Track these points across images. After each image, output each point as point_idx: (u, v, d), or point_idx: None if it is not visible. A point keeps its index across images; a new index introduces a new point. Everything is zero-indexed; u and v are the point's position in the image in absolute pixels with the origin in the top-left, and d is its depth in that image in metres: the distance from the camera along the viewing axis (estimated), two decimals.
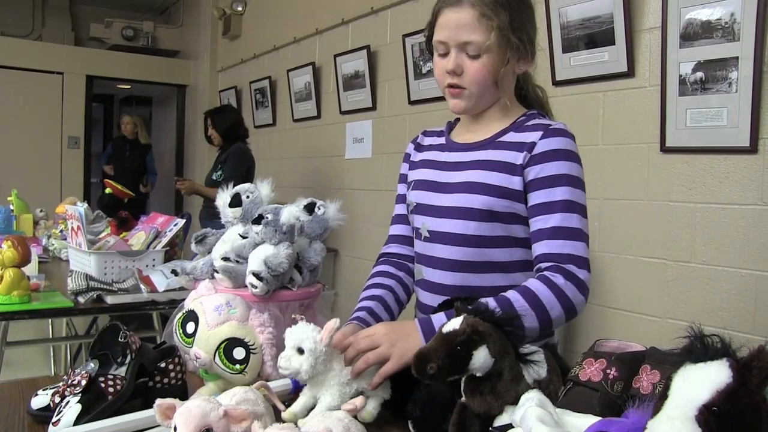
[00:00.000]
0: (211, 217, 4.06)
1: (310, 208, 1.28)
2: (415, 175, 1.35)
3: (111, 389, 1.00)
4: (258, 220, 1.24)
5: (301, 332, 0.98)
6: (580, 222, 1.16)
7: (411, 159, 1.40)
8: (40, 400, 1.04)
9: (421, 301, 1.32)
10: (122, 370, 1.05)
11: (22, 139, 6.32)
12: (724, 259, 2.21)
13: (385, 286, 1.30)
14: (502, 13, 1.15)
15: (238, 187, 1.36)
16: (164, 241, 2.32)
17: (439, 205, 1.26)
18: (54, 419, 0.96)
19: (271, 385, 1.01)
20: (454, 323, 0.84)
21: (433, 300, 1.26)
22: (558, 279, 1.10)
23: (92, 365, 1.04)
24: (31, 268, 2.19)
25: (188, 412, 0.76)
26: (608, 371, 0.76)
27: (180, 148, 7.17)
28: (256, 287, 1.19)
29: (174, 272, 1.36)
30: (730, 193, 2.20)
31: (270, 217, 1.23)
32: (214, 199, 4.38)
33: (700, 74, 2.25)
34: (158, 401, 0.79)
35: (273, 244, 1.22)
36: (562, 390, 0.83)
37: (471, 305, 0.88)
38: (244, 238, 1.30)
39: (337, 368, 0.99)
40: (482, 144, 1.25)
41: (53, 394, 1.01)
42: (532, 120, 1.24)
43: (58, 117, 6.55)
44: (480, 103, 1.24)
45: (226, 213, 1.35)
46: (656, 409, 0.57)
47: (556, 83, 2.74)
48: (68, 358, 3.61)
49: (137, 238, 2.39)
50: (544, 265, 1.14)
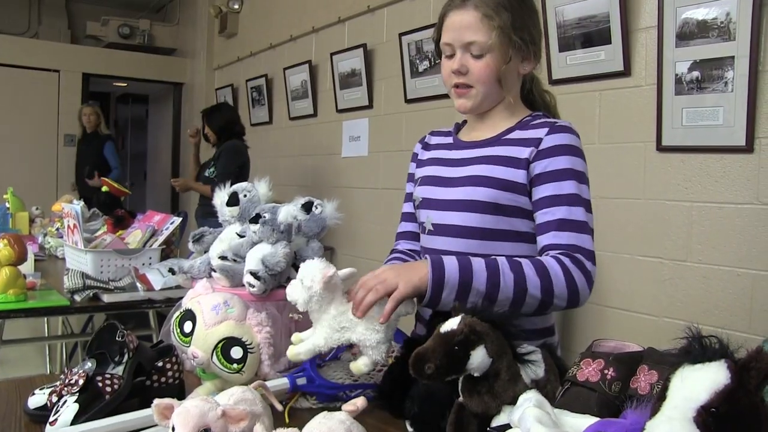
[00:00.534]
0: (207, 216, 4.06)
1: (307, 208, 1.27)
2: (422, 172, 1.38)
3: (108, 388, 1.00)
4: (255, 219, 1.23)
5: (309, 268, 1.03)
6: (586, 216, 1.19)
7: (419, 158, 1.43)
8: (37, 399, 1.04)
9: None
10: (119, 370, 1.05)
11: (18, 137, 6.31)
12: (720, 258, 2.22)
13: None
14: (503, 13, 1.19)
15: (236, 186, 1.35)
16: (161, 239, 2.31)
17: (444, 199, 1.28)
18: (51, 419, 0.96)
19: (269, 384, 1.01)
20: (452, 323, 0.84)
21: None
22: (568, 262, 1.12)
23: (89, 364, 1.04)
24: (27, 267, 2.18)
25: (186, 412, 0.76)
26: (606, 371, 0.76)
27: (176, 145, 7.16)
28: (254, 286, 1.19)
29: (171, 271, 1.36)
30: (726, 193, 2.21)
31: (267, 216, 1.23)
32: (206, 196, 4.36)
33: (696, 73, 2.26)
34: (156, 401, 0.78)
35: (270, 243, 1.22)
36: (560, 390, 0.83)
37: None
38: (241, 237, 1.30)
39: (332, 312, 1.03)
40: (488, 141, 1.28)
41: (50, 394, 1.01)
42: (537, 119, 1.27)
43: (55, 115, 6.54)
44: (485, 102, 1.27)
45: (224, 212, 1.35)
46: (654, 410, 0.57)
47: (553, 82, 2.74)
48: (64, 356, 3.60)
49: (134, 236, 2.38)
50: (552, 252, 1.15)
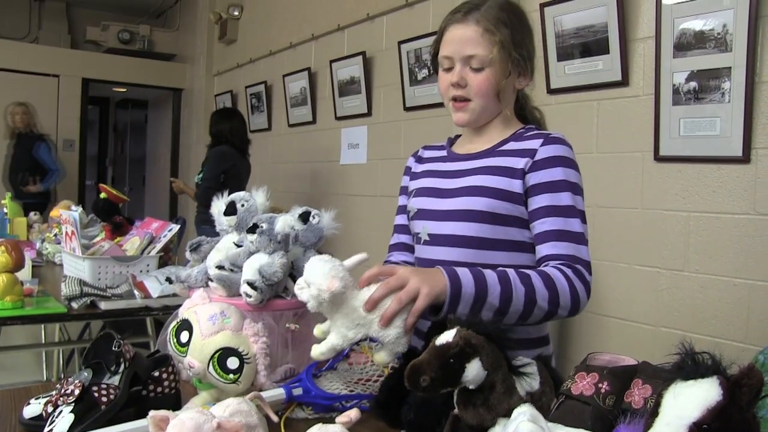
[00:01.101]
0: (203, 223, 4.08)
1: (304, 218, 1.28)
2: (416, 184, 1.39)
3: (104, 399, 1.00)
4: (253, 229, 1.24)
5: (314, 271, 0.98)
6: (582, 227, 1.20)
7: (412, 171, 1.44)
8: (33, 409, 1.04)
9: None
10: (116, 379, 1.05)
11: None
12: (717, 268, 2.22)
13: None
14: (503, 29, 1.22)
15: (233, 195, 1.35)
16: (158, 246, 2.31)
17: (440, 209, 1.29)
18: (46, 429, 0.95)
19: (265, 395, 1.01)
20: (447, 336, 0.84)
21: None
22: (570, 273, 1.12)
23: (85, 374, 1.04)
24: (24, 273, 2.18)
25: (182, 424, 0.76)
26: (600, 385, 0.76)
27: (175, 151, 7.17)
28: (251, 296, 1.19)
29: (168, 280, 1.36)
30: (723, 203, 2.22)
31: (264, 226, 1.23)
32: (193, 199, 4.38)
33: (693, 84, 2.27)
34: (151, 413, 0.79)
35: (267, 253, 1.22)
36: (555, 403, 0.83)
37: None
38: (238, 246, 1.30)
39: (345, 311, 0.98)
40: (483, 153, 1.29)
41: (46, 404, 1.01)
42: (530, 131, 1.29)
43: (54, 119, 6.54)
44: (483, 115, 1.28)
45: (221, 221, 1.35)
46: (647, 426, 0.57)
47: (551, 91, 2.75)
48: (61, 363, 3.59)
49: (131, 243, 2.38)
50: (554, 263, 1.16)
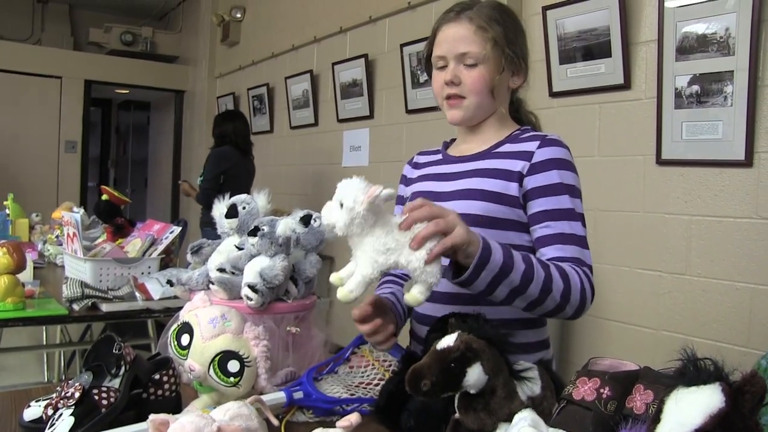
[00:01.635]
0: (207, 225, 4.09)
1: (306, 221, 1.28)
2: (413, 188, 1.37)
3: (104, 401, 1.00)
4: (254, 232, 1.24)
5: (348, 187, 0.94)
6: (584, 231, 1.19)
7: (408, 178, 1.43)
8: (33, 411, 1.03)
9: (417, 311, 1.32)
10: (116, 382, 1.05)
11: (19, 143, 6.31)
12: (719, 272, 2.22)
13: (393, 290, 1.33)
14: (496, 26, 1.22)
15: (235, 198, 1.36)
16: (160, 248, 2.31)
17: None
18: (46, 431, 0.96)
19: (265, 398, 1.00)
20: (448, 340, 0.84)
21: (431, 309, 1.26)
22: (581, 273, 1.12)
23: (86, 377, 1.04)
24: (26, 275, 2.18)
25: (182, 428, 0.75)
26: (602, 390, 0.76)
27: (177, 153, 7.17)
28: (252, 299, 1.19)
29: (170, 282, 1.36)
30: (726, 206, 2.21)
31: (266, 228, 1.23)
32: (197, 201, 4.36)
33: (695, 87, 2.27)
34: (152, 417, 0.78)
35: (269, 256, 1.22)
36: (556, 408, 0.83)
37: (466, 321, 0.88)
38: (240, 249, 1.30)
39: (377, 233, 0.93)
40: (479, 155, 1.28)
41: (46, 406, 1.01)
42: (526, 133, 1.28)
43: (56, 121, 6.55)
44: (477, 112, 1.27)
45: (222, 224, 1.35)
46: None
47: (553, 94, 2.75)
48: (62, 364, 3.59)
49: (133, 245, 2.38)
50: (563, 264, 1.14)
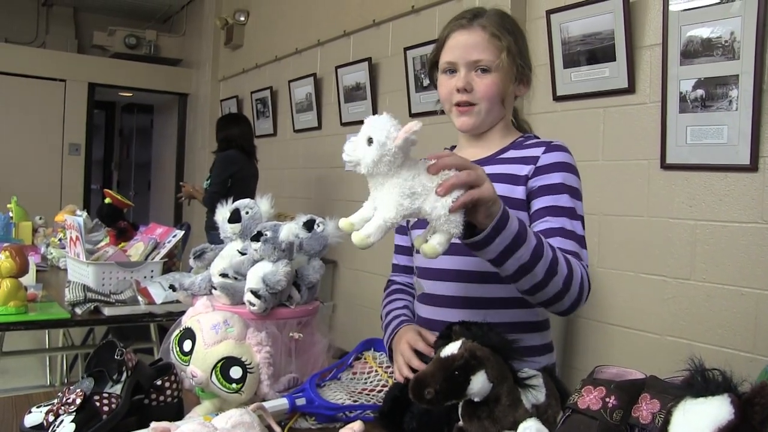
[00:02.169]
0: (212, 229, 4.08)
1: (309, 226, 1.27)
2: None
3: (106, 408, 0.99)
4: (257, 237, 1.23)
5: (379, 121, 0.88)
6: (583, 231, 1.20)
7: None
8: (34, 417, 1.03)
9: (422, 316, 1.32)
10: (118, 388, 1.04)
11: (23, 146, 6.33)
12: (724, 277, 2.21)
13: (405, 302, 1.37)
14: (508, 36, 1.23)
15: (237, 203, 1.35)
16: (163, 252, 2.31)
17: None
18: None
19: (268, 405, 1.00)
20: (452, 348, 0.83)
21: (435, 313, 1.26)
22: (581, 265, 1.11)
23: (87, 383, 1.03)
24: (28, 278, 2.18)
25: None
26: (607, 399, 0.75)
27: (180, 155, 7.18)
28: (254, 305, 1.18)
29: (172, 287, 1.35)
30: (731, 211, 2.20)
31: (269, 234, 1.22)
32: (203, 204, 4.36)
33: (700, 91, 2.26)
34: (153, 424, 0.78)
35: (271, 262, 1.21)
36: (561, 417, 0.82)
37: (470, 329, 0.87)
38: (242, 254, 1.29)
39: (405, 175, 0.86)
40: (484, 161, 1.28)
41: (47, 412, 1.00)
42: (530, 140, 1.29)
43: (60, 124, 6.56)
44: (487, 120, 1.27)
45: (225, 228, 1.34)
46: None
47: (557, 98, 2.74)
48: (64, 368, 3.59)
49: (136, 248, 2.38)
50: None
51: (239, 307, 1.22)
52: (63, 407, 0.98)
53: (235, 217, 1.32)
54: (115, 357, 1.05)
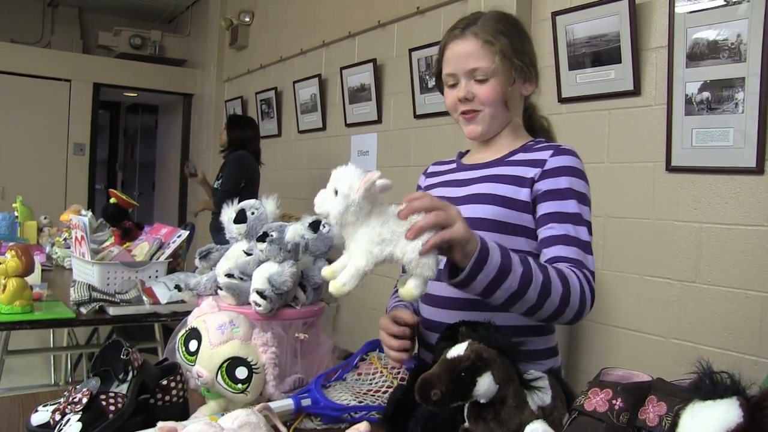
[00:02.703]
0: (219, 230, 4.06)
1: (314, 227, 1.27)
2: None
3: (112, 407, 0.99)
4: (263, 238, 1.23)
5: (343, 173, 0.89)
6: (589, 237, 1.19)
7: (421, 187, 1.44)
8: (40, 416, 1.03)
9: (425, 317, 1.32)
10: (123, 388, 1.05)
11: (28, 145, 6.35)
12: (729, 280, 2.20)
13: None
14: (502, 38, 1.23)
15: (243, 203, 1.35)
16: (167, 252, 2.31)
17: None
18: None
19: (273, 405, 1.00)
20: (458, 349, 0.83)
21: (436, 314, 1.26)
22: (581, 277, 1.10)
23: (93, 382, 1.04)
24: (33, 277, 2.19)
25: None
26: (614, 402, 0.75)
27: (185, 156, 7.19)
28: (260, 305, 1.19)
29: (177, 288, 1.36)
30: (736, 214, 2.20)
31: (275, 234, 1.22)
32: (214, 204, 4.33)
33: (706, 94, 2.25)
34: (160, 424, 0.78)
35: (277, 262, 1.22)
36: (567, 419, 0.82)
37: (477, 330, 0.87)
38: (248, 254, 1.29)
39: (372, 224, 0.88)
40: (492, 162, 1.29)
41: (53, 411, 1.01)
42: (540, 144, 1.29)
43: (65, 124, 6.58)
44: (493, 124, 1.28)
45: (231, 229, 1.35)
46: None
47: (562, 100, 2.74)
48: (69, 367, 3.60)
49: (141, 248, 2.39)
50: (565, 264, 1.13)
51: (245, 308, 1.22)
52: (69, 406, 0.99)
53: (240, 217, 1.33)
54: (121, 356, 1.05)
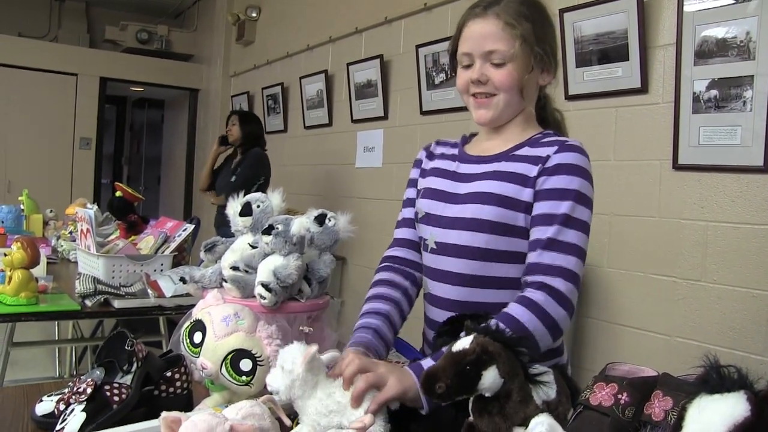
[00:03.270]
0: (225, 224, 4.05)
1: (320, 220, 1.27)
2: (425, 183, 1.33)
3: (116, 398, 1.00)
4: (268, 231, 1.23)
5: (288, 351, 0.94)
6: (578, 237, 1.13)
7: (422, 166, 1.38)
8: (45, 406, 1.04)
9: (428, 316, 1.31)
10: (128, 378, 1.05)
11: (34, 139, 6.37)
12: (735, 279, 2.19)
13: (391, 299, 1.27)
14: (525, 23, 1.18)
15: (249, 196, 1.35)
16: (173, 246, 2.32)
17: (448, 216, 1.24)
18: (58, 427, 0.96)
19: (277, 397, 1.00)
20: (464, 342, 0.83)
21: (440, 315, 1.24)
22: (538, 296, 1.07)
23: (98, 373, 1.04)
24: (39, 270, 2.19)
25: (194, 427, 0.75)
26: (619, 396, 0.74)
27: (191, 151, 7.20)
28: (265, 298, 1.18)
29: (183, 280, 1.36)
30: (743, 213, 2.18)
31: (280, 227, 1.22)
32: (226, 199, 4.35)
33: (714, 92, 2.24)
34: (164, 414, 0.78)
35: (282, 255, 1.21)
36: (573, 413, 0.82)
37: (481, 324, 0.87)
38: (253, 247, 1.29)
39: (318, 396, 0.92)
40: (496, 157, 1.24)
41: (58, 401, 1.01)
42: (547, 137, 1.24)
43: (71, 118, 6.59)
44: (506, 111, 1.23)
45: (236, 222, 1.35)
46: None
47: (569, 98, 2.73)
48: (73, 360, 3.61)
49: (146, 242, 2.39)
50: (528, 279, 1.12)
51: (250, 300, 1.22)
52: (74, 396, 0.99)
53: (246, 210, 1.33)
54: (126, 347, 1.06)
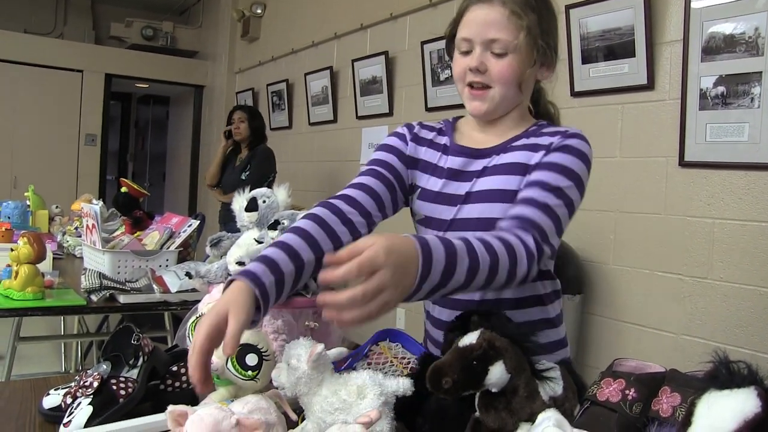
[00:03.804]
0: (229, 220, 4.06)
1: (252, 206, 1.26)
2: (418, 178, 1.25)
3: (122, 392, 1.00)
4: (274, 226, 1.23)
5: (294, 347, 0.94)
6: (561, 210, 1.07)
7: (407, 154, 1.26)
8: (52, 399, 1.04)
9: (432, 315, 1.30)
10: (134, 373, 1.05)
11: (40, 136, 6.39)
12: (742, 277, 2.18)
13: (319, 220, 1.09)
14: (531, 14, 1.12)
15: (255, 192, 1.35)
16: (178, 241, 2.32)
17: (452, 219, 1.20)
18: (65, 420, 0.96)
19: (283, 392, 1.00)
20: (470, 337, 0.82)
21: (445, 314, 1.23)
22: (511, 238, 0.99)
23: (104, 367, 1.04)
24: (45, 265, 2.20)
25: (200, 420, 0.75)
26: (627, 392, 0.74)
27: (195, 147, 7.21)
28: None
29: (188, 275, 1.36)
30: (750, 210, 2.17)
31: (286, 222, 1.22)
32: (212, 186, 4.25)
33: (721, 88, 2.23)
34: (170, 408, 0.78)
35: None
36: (580, 409, 0.82)
37: (489, 320, 0.87)
38: (259, 243, 1.29)
39: (324, 393, 0.91)
40: (495, 149, 1.19)
41: (65, 395, 1.01)
42: (545, 128, 1.19)
43: (77, 114, 6.61)
44: (502, 105, 1.17)
45: (242, 217, 1.34)
46: None
47: (575, 94, 2.72)
48: (79, 355, 3.63)
49: (151, 237, 2.39)
50: (503, 224, 1.04)
51: None
52: (80, 390, 0.99)
53: (252, 205, 1.32)
54: (132, 342, 1.06)
